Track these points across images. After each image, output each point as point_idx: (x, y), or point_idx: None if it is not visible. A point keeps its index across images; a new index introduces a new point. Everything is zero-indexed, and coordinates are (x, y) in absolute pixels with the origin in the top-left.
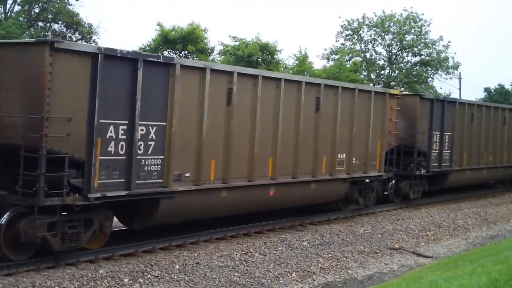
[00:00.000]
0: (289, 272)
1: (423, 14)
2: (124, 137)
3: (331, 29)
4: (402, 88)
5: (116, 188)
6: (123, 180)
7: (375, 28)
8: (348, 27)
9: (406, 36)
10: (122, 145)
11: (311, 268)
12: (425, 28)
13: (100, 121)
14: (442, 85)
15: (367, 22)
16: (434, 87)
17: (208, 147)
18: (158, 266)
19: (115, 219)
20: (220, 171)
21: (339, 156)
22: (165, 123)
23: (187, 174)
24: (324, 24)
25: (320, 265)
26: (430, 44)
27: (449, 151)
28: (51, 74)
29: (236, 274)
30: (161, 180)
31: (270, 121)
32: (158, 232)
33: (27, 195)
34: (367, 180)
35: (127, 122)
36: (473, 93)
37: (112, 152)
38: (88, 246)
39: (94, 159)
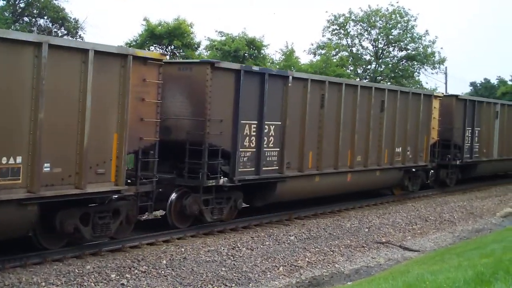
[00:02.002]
0: (277, 266)
1: (409, 9)
2: None
3: (317, 24)
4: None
5: None
6: None
7: (361, 23)
8: (335, 22)
9: (392, 30)
10: None
11: (298, 262)
12: (412, 23)
13: None
14: (428, 79)
15: (353, 17)
16: (421, 81)
17: None
18: (145, 261)
19: None
20: None
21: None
22: None
23: None
24: (311, 20)
25: (307, 259)
26: (416, 39)
27: (277, 149)
28: None
29: (223, 269)
30: None
31: None
32: (144, 228)
33: None
34: (114, 197)
35: None
36: (459, 87)
37: None
38: None
39: None
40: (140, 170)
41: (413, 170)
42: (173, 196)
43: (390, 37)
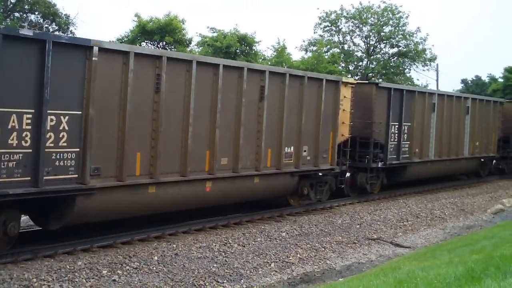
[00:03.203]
0: (268, 262)
1: (401, 6)
2: None
3: (309, 21)
4: None
5: None
6: None
7: (353, 20)
8: (326, 18)
9: (384, 27)
10: None
11: (290, 258)
12: (403, 20)
13: None
14: (420, 76)
15: (345, 13)
16: (412, 78)
17: None
18: (137, 257)
19: None
20: None
21: None
22: None
23: None
24: (303, 17)
25: (298, 255)
26: (407, 36)
27: (75, 149)
28: None
29: (215, 265)
30: None
31: None
32: (136, 224)
33: None
34: None
35: None
36: (450, 84)
37: None
38: None
39: None
40: None
41: (320, 174)
42: None
43: (382, 34)
